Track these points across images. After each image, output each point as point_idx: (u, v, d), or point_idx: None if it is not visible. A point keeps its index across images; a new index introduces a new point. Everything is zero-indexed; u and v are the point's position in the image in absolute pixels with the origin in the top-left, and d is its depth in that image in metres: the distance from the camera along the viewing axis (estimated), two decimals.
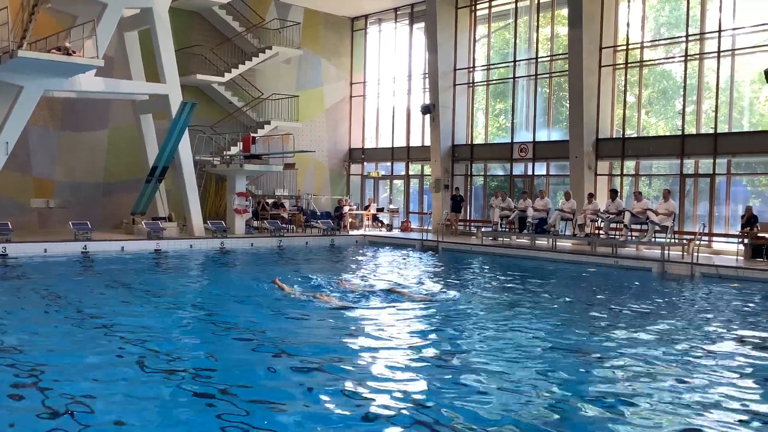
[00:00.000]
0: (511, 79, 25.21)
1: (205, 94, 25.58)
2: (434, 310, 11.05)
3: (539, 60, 24.48)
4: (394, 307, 11.13)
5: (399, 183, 30.15)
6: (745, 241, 17.72)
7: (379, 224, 27.52)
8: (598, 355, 8.38)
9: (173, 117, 20.63)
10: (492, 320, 10.40)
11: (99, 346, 8.29)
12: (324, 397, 6.47)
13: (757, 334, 9.94)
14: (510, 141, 25.01)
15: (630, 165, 22.18)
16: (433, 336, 9.38)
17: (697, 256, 16.85)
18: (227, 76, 25.25)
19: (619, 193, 20.69)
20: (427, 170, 27.92)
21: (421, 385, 7.07)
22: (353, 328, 9.72)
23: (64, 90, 19.80)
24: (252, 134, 24.61)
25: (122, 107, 23.58)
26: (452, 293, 12.82)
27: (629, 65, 22.07)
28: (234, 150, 24.46)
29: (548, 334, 9.50)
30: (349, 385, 6.84)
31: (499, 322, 10.25)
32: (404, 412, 6.11)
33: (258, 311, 10.87)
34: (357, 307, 11.01)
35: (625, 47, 22.08)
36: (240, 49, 26.44)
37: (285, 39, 27.15)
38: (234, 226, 22.46)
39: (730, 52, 19.94)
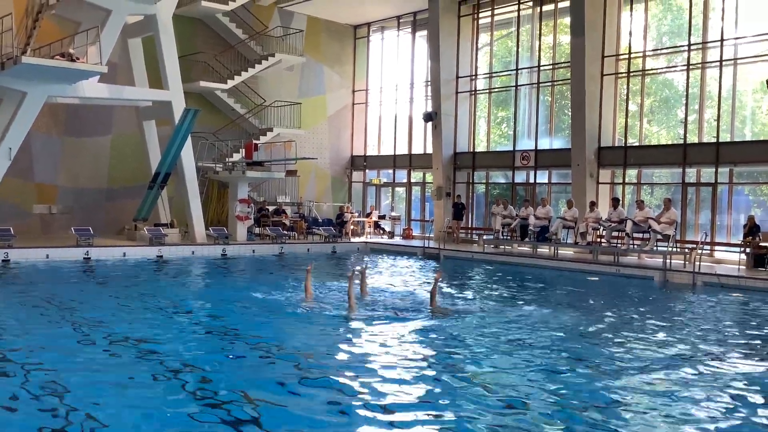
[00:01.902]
0: (514, 87, 25.24)
1: (208, 101, 25.64)
2: (441, 320, 11.02)
3: (541, 68, 24.53)
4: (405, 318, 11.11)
5: (401, 190, 30.16)
6: (747, 250, 17.70)
7: (381, 231, 27.52)
8: (599, 364, 8.37)
9: (176, 123, 20.68)
10: (494, 330, 10.39)
11: (105, 357, 8.31)
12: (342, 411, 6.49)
13: (757, 343, 9.93)
14: (512, 149, 25.02)
15: (632, 173, 22.18)
16: (442, 345, 9.38)
17: (699, 265, 16.81)
18: (230, 83, 25.31)
19: (621, 202, 20.68)
20: (429, 178, 27.93)
21: (432, 396, 7.07)
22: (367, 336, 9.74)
23: (67, 96, 19.87)
24: (254, 141, 24.65)
25: (125, 114, 23.63)
26: (458, 302, 12.81)
27: (631, 74, 22.10)
28: (236, 157, 24.50)
29: (551, 343, 9.49)
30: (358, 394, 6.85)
31: (503, 332, 10.25)
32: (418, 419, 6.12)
33: (268, 320, 10.86)
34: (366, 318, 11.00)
35: (627, 56, 22.11)
36: (243, 56, 26.51)
37: (288, 46, 27.22)
38: (236, 233, 22.46)
39: (732, 62, 19.96)
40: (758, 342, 10.02)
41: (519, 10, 25.01)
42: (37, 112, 18.88)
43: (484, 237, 23.67)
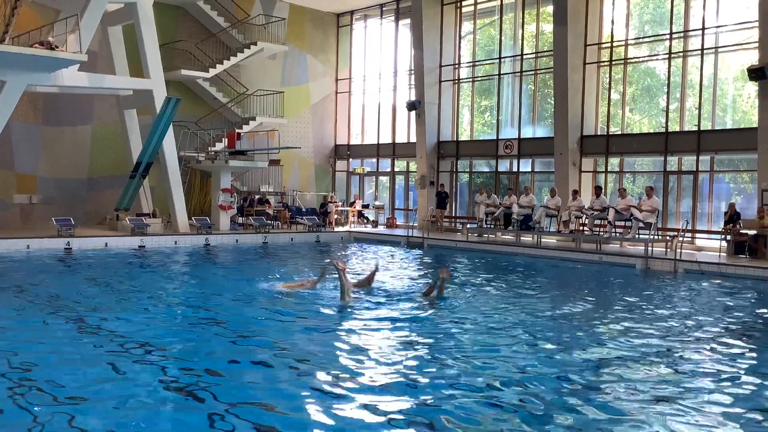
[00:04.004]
0: (497, 76, 25.25)
1: (190, 89, 25.45)
2: (429, 308, 11.05)
3: (524, 57, 24.54)
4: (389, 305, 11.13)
5: (384, 179, 30.15)
6: (728, 237, 17.86)
7: (365, 221, 27.50)
8: (581, 352, 8.43)
9: (157, 112, 20.52)
10: (480, 318, 10.42)
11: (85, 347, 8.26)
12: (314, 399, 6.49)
13: (736, 329, 10.03)
14: (495, 137, 25.07)
15: (614, 162, 22.30)
16: (423, 335, 9.40)
17: (680, 252, 16.96)
18: (212, 72, 25.13)
19: (603, 190, 20.79)
20: (413, 167, 27.93)
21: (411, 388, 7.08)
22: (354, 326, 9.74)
23: (47, 85, 19.64)
24: (237, 130, 24.51)
25: (106, 103, 23.43)
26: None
27: (614, 62, 22.16)
28: (219, 146, 24.38)
29: (535, 330, 9.55)
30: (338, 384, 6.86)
31: (488, 320, 10.28)
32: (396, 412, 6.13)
33: (252, 310, 10.83)
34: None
35: (609, 44, 22.18)
36: (225, 44, 26.31)
37: (270, 35, 27.04)
38: (219, 223, 22.37)
39: (713, 50, 20.07)
40: (738, 328, 10.13)
41: None
42: (17, 101, 18.62)
43: (468, 226, 23.73)
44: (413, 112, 26.41)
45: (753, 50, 18.82)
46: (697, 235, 20.01)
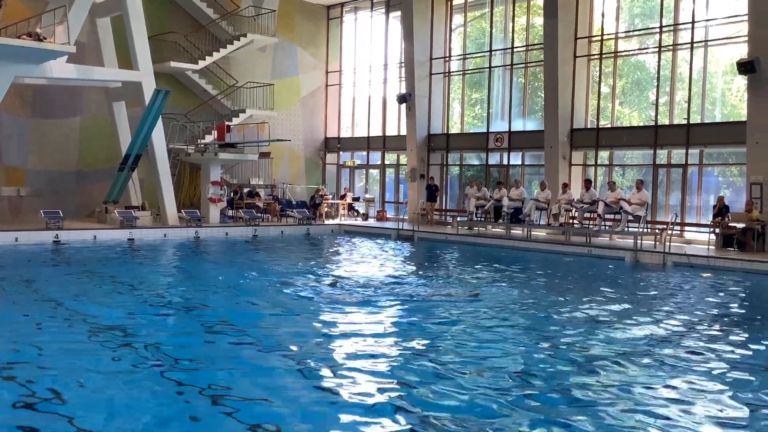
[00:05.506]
0: (487, 69, 25.25)
1: (179, 81, 25.31)
2: (414, 303, 11.06)
3: (515, 50, 24.54)
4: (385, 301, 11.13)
5: (375, 172, 30.11)
6: (717, 230, 17.95)
7: (355, 214, 27.47)
8: (568, 343, 8.46)
9: (146, 104, 20.41)
10: (469, 311, 10.43)
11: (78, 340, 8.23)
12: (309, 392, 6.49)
13: (723, 321, 10.09)
14: (486, 131, 25.07)
15: (604, 155, 22.35)
16: (415, 329, 9.41)
17: (669, 245, 17.03)
18: (201, 64, 24.98)
19: (593, 183, 20.84)
20: (403, 160, 27.90)
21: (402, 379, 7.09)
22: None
23: (35, 77, 19.50)
24: (227, 122, 24.44)
25: (95, 95, 23.28)
26: (432, 284, 12.86)
27: (604, 56, 22.19)
28: (208, 138, 24.27)
29: (524, 324, 9.57)
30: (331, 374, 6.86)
31: (477, 313, 10.29)
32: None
33: (243, 304, 10.82)
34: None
35: (599, 38, 22.20)
36: (214, 36, 26.15)
37: (260, 27, 26.88)
38: (209, 215, 22.30)
39: (703, 44, 20.13)
40: (726, 320, 10.19)
41: None
42: (4, 93, 18.48)
43: (458, 218, 23.75)
44: (404, 105, 26.38)
45: (742, 44, 18.87)
46: (686, 228, 20.11)
